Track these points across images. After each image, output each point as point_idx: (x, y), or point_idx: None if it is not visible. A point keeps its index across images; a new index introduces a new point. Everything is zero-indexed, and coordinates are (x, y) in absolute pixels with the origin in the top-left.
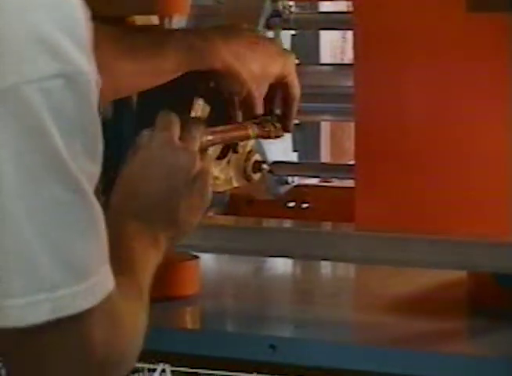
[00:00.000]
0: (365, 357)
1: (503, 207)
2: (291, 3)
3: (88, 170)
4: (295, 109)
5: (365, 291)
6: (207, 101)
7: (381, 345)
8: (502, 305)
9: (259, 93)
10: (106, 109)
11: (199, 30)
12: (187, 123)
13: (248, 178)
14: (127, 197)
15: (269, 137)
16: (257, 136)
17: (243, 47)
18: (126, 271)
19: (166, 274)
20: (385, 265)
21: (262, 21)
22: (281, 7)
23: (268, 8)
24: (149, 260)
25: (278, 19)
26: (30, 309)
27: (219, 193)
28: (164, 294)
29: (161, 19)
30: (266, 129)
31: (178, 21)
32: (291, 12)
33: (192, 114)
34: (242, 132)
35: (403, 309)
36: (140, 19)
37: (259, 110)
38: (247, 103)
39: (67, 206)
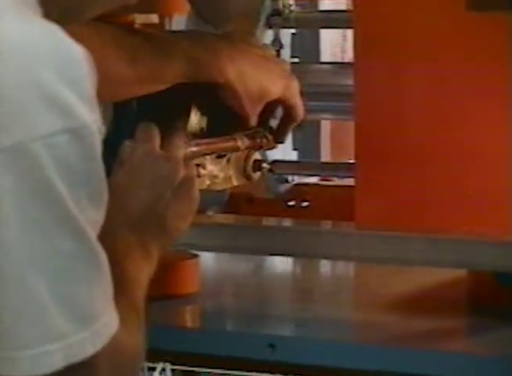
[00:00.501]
0: (365, 356)
1: (503, 205)
2: (291, 2)
3: (93, 218)
4: (292, 127)
5: (365, 289)
6: (203, 111)
7: (381, 343)
8: (502, 304)
9: (253, 111)
10: (106, 110)
11: (206, 41)
12: (169, 134)
13: (248, 178)
14: (115, 208)
15: (260, 149)
16: (248, 148)
17: (248, 65)
18: (123, 291)
19: (166, 273)
20: (385, 264)
21: (262, 20)
22: (281, 5)
23: (268, 6)
24: (142, 275)
25: (278, 18)
26: (43, 359)
27: (219, 191)
28: (164, 292)
29: (161, 18)
30: (258, 141)
31: (178, 20)
32: (291, 11)
33: (192, 117)
34: (230, 144)
35: (403, 307)
36: (140, 18)
37: (251, 124)
38: (241, 117)
39: (73, 256)
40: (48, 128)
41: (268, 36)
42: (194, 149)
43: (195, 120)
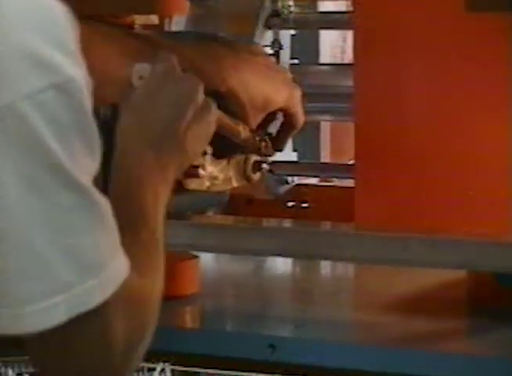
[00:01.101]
0: (365, 356)
1: (503, 206)
2: (291, 3)
3: (89, 167)
4: (292, 134)
5: (365, 290)
6: None
7: (381, 344)
8: (502, 305)
9: (255, 121)
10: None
11: (210, 48)
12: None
13: (248, 179)
14: (135, 126)
15: (259, 155)
16: (246, 141)
17: (251, 74)
18: (140, 226)
19: (166, 274)
20: (385, 265)
21: (262, 21)
22: (280, 7)
23: (267, 7)
24: (160, 202)
25: (277, 19)
26: (46, 313)
27: (219, 192)
28: (164, 293)
29: (161, 18)
30: (257, 140)
31: (178, 21)
32: (291, 12)
33: None
34: (233, 124)
35: (403, 308)
36: (140, 19)
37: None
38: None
39: (71, 209)
40: (34, 86)
41: (267, 37)
42: None
43: None
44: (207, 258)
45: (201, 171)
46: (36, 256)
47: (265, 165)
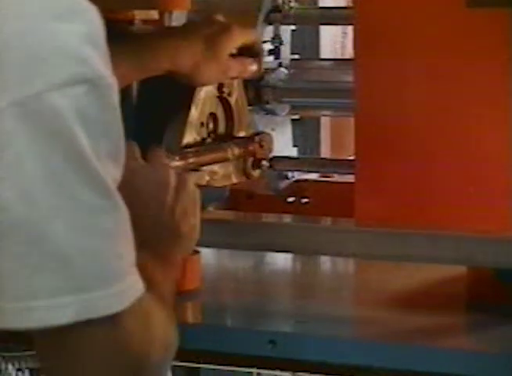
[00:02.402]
0: (365, 352)
1: (503, 202)
2: None
3: (112, 173)
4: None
5: (365, 286)
6: None
7: (381, 340)
8: (502, 301)
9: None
10: None
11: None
12: (150, 150)
13: (247, 175)
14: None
15: (254, 156)
16: (239, 157)
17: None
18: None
19: None
20: (385, 261)
21: (262, 16)
22: (281, 2)
23: (267, 3)
24: (168, 283)
25: (278, 14)
26: (53, 311)
27: (219, 187)
28: None
29: (161, 14)
30: (250, 149)
31: (178, 16)
32: (291, 7)
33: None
34: (219, 155)
35: (403, 304)
36: (140, 14)
37: None
38: None
39: (97, 210)
40: (67, 78)
41: (267, 32)
42: (178, 163)
43: (195, 114)
44: (207, 254)
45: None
46: (54, 252)
47: (264, 162)
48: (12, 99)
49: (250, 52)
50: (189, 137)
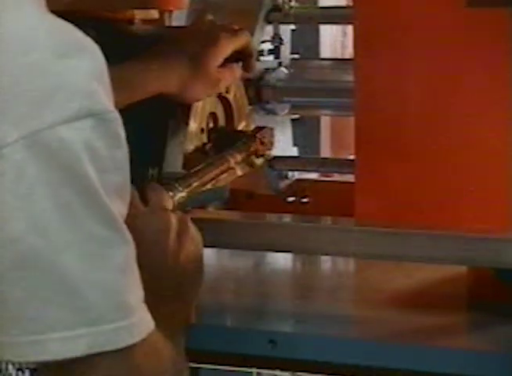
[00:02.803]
0: (365, 352)
1: (503, 202)
2: None
3: (120, 209)
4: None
5: (365, 285)
6: None
7: (381, 339)
8: (502, 300)
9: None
10: None
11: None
12: (146, 190)
13: (252, 165)
14: None
15: (257, 155)
16: (243, 161)
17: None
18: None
19: None
20: (385, 260)
21: (262, 15)
22: (281, 1)
23: (267, 2)
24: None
25: (278, 14)
26: (67, 343)
27: (219, 187)
28: None
29: (161, 13)
30: (252, 149)
31: (178, 15)
32: (291, 7)
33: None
34: (223, 167)
35: (403, 303)
36: (140, 14)
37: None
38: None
39: (107, 243)
40: (74, 112)
41: (267, 32)
42: (183, 194)
43: (194, 125)
44: (207, 254)
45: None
46: (67, 284)
47: (267, 151)
48: (22, 133)
49: (241, 54)
50: (190, 145)
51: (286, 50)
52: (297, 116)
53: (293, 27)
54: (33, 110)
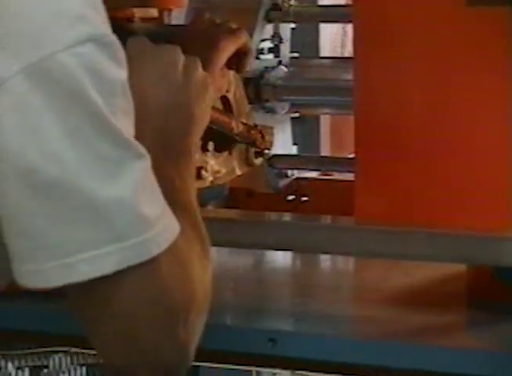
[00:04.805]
0: (364, 351)
1: (503, 201)
2: None
3: (127, 128)
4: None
5: (365, 284)
6: None
7: (381, 338)
8: (502, 299)
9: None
10: None
11: None
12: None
13: (251, 164)
14: (141, 123)
15: (255, 145)
16: (240, 135)
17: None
18: (181, 214)
19: None
20: (384, 259)
21: (261, 14)
22: (280, 0)
23: (267, 1)
24: (190, 188)
25: (277, 12)
26: (97, 261)
27: (219, 185)
28: None
29: (160, 12)
30: (252, 133)
31: (177, 14)
32: (290, 5)
33: None
34: (226, 119)
35: (402, 302)
36: (139, 12)
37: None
38: None
39: (120, 162)
40: (74, 38)
41: (267, 30)
42: None
43: None
44: None
45: (204, 173)
46: (89, 205)
47: (266, 150)
48: (23, 64)
49: (238, 53)
50: None
51: (285, 49)
52: (296, 114)
53: (292, 25)
54: (31, 40)
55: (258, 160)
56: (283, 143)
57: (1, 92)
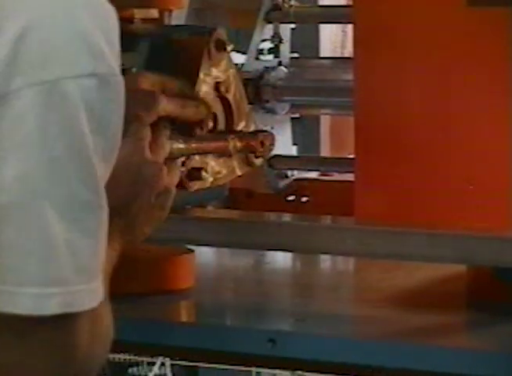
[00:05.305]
0: (364, 351)
1: (503, 201)
2: None
3: (102, 174)
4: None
5: (365, 284)
6: None
7: (381, 338)
8: (501, 299)
9: None
10: None
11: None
12: (156, 128)
13: (251, 164)
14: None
15: (255, 155)
16: (240, 151)
17: None
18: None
19: (160, 268)
20: (385, 259)
21: (261, 14)
22: (281, 1)
23: (267, 1)
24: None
25: (277, 13)
26: (42, 299)
27: (219, 186)
28: (159, 287)
29: (161, 12)
30: (252, 144)
31: (178, 14)
32: (291, 6)
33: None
34: (221, 144)
35: (402, 302)
36: (139, 13)
37: None
38: None
39: (87, 207)
40: (82, 69)
41: (267, 31)
42: (181, 146)
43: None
44: (206, 253)
45: (204, 173)
46: (44, 240)
47: (265, 153)
48: (29, 81)
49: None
50: None
51: (285, 49)
52: (296, 115)
53: (292, 26)
54: (42, 61)
55: (258, 161)
56: (283, 144)
57: (4, 103)
